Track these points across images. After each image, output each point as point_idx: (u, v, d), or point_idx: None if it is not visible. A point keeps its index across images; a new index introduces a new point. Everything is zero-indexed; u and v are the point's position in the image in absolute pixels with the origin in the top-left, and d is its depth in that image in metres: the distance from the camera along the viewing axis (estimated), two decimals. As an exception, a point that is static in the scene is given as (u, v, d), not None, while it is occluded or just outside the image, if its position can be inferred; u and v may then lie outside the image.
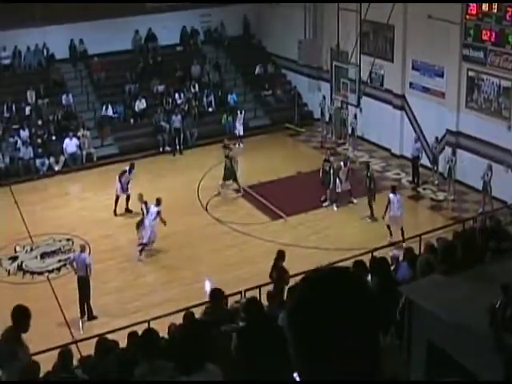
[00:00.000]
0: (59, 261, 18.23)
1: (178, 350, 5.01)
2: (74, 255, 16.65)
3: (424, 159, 22.68)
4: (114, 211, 20.72)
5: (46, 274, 17.70)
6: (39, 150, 24.47)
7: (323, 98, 27.05)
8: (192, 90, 28.17)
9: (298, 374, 1.72)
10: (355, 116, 25.43)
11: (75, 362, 9.84)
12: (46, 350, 10.18)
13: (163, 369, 6.09)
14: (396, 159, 24.52)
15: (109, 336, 10.72)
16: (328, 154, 22.44)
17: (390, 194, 18.55)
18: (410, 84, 23.72)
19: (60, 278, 17.37)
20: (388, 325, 7.84)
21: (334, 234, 19.14)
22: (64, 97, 26.51)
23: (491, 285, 6.69)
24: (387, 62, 24.58)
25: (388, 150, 25.01)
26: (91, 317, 15.51)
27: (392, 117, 24.48)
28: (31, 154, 24.23)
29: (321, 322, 1.63)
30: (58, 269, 17.89)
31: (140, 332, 8.03)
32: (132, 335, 9.61)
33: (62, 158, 24.54)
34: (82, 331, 14.88)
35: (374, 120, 25.16)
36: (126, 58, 28.62)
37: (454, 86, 21.73)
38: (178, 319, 10.25)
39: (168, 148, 26.10)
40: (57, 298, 16.29)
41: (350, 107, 25.70)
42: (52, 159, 24.44)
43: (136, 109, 26.89)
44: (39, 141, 24.84)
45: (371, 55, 24.47)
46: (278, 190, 22.11)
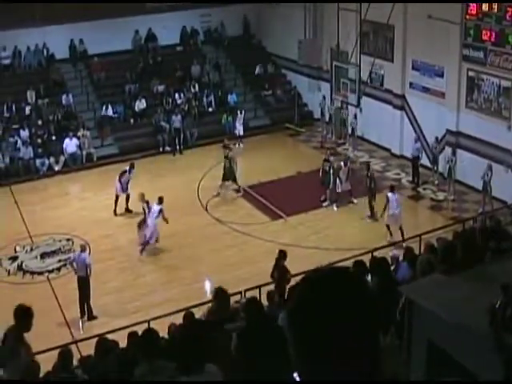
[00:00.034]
0: (59, 261, 18.24)
1: (178, 350, 5.00)
2: (74, 255, 16.69)
3: (424, 159, 22.68)
4: (114, 211, 20.73)
5: (46, 274, 17.70)
6: (39, 150, 24.47)
7: (323, 98, 27.05)
8: (192, 90, 28.17)
9: (298, 374, 1.72)
10: (355, 116, 25.43)
11: (75, 362, 9.84)
12: (46, 350, 10.18)
13: (163, 369, 6.09)
14: (396, 159, 24.52)
15: (109, 336, 10.72)
16: (328, 153, 22.45)
17: (389, 193, 18.62)
18: (410, 84, 23.72)
19: (60, 278, 17.38)
20: (388, 325, 7.83)
21: (334, 233, 19.14)
22: (64, 97, 26.52)
23: (491, 285, 6.69)
24: (387, 62, 24.58)
25: (388, 150, 25.01)
26: (91, 317, 15.51)
27: (392, 117, 24.48)
28: (31, 154, 24.23)
29: (321, 322, 1.63)
30: (58, 269, 17.89)
31: (140, 332, 8.03)
32: (132, 335, 9.61)
33: (61, 158, 24.54)
34: (82, 331, 14.89)
35: (373, 120, 25.16)
36: (126, 57, 28.62)
37: (453, 86, 21.73)
38: (178, 319, 10.25)
39: (168, 148, 26.11)
40: (57, 298, 16.29)
41: (350, 107, 25.69)
42: (52, 159, 24.44)
43: (136, 109, 26.89)
44: (39, 141, 24.85)
45: (371, 55, 24.47)
46: (278, 189, 22.11)
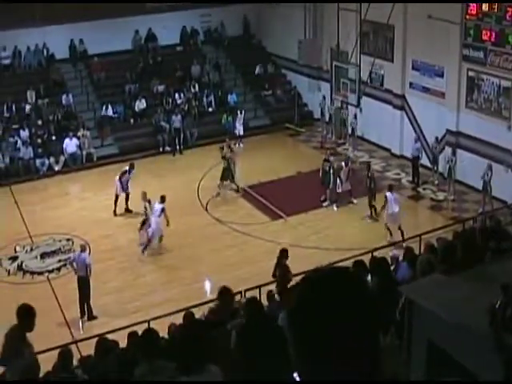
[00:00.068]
0: (59, 261, 18.23)
1: (178, 350, 5.00)
2: (74, 255, 16.69)
3: (424, 159, 22.67)
4: (114, 211, 20.72)
5: (46, 274, 17.70)
6: (39, 150, 24.47)
7: (323, 98, 27.05)
8: (192, 90, 28.17)
9: (298, 374, 1.72)
10: (355, 116, 25.42)
11: (75, 362, 9.85)
12: (46, 350, 10.17)
13: (163, 369, 6.09)
14: (396, 159, 24.51)
15: (109, 336, 10.73)
16: (328, 153, 22.46)
17: (387, 193, 18.66)
18: (410, 84, 23.71)
19: (60, 278, 17.38)
20: (388, 325, 7.84)
21: (334, 233, 19.14)
22: (64, 97, 26.51)
23: (491, 285, 6.69)
24: (387, 62, 24.57)
25: (388, 150, 25.00)
26: (91, 317, 15.51)
27: (392, 117, 24.48)
28: (31, 154, 24.23)
29: (321, 322, 1.63)
30: (58, 269, 17.89)
31: (140, 332, 8.03)
32: (132, 335, 9.61)
33: (62, 158, 24.54)
34: (82, 331, 14.89)
35: (374, 120, 25.16)
36: (126, 57, 28.61)
37: (453, 86, 21.72)
38: (178, 319, 10.26)
39: (168, 148, 26.10)
40: (57, 298, 16.29)
41: (350, 107, 25.69)
42: (52, 159, 24.43)
43: (136, 109, 26.89)
44: (39, 141, 24.84)
45: (371, 55, 24.47)
46: (278, 189, 22.10)
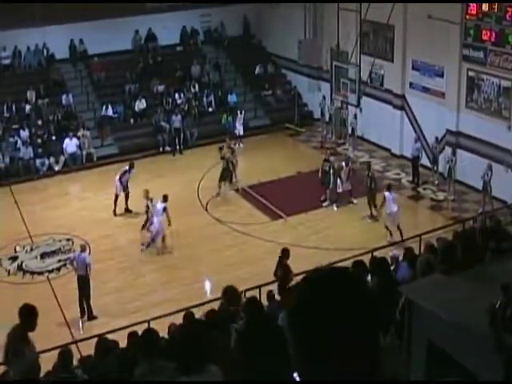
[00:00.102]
0: (59, 261, 18.23)
1: (178, 350, 5.00)
2: (74, 255, 16.69)
3: (424, 159, 22.67)
4: (114, 211, 20.72)
5: (46, 274, 17.69)
6: (39, 150, 24.46)
7: (323, 98, 27.05)
8: (192, 90, 28.17)
9: (298, 374, 1.72)
10: (355, 116, 25.42)
11: (75, 362, 9.85)
12: (46, 350, 10.17)
13: (163, 369, 6.09)
14: (396, 159, 24.51)
15: (109, 336, 10.73)
16: (328, 153, 22.46)
17: (386, 193, 18.69)
18: (410, 84, 23.71)
19: (60, 278, 17.37)
20: (388, 325, 7.83)
21: (334, 233, 19.14)
22: (64, 97, 26.51)
23: (491, 285, 6.69)
24: (387, 61, 24.57)
25: (388, 150, 25.00)
26: (91, 317, 15.51)
27: (392, 117, 24.48)
28: (31, 154, 24.23)
29: (321, 322, 1.63)
30: (58, 269, 17.88)
31: (140, 332, 8.03)
32: (132, 335, 9.62)
33: (62, 158, 24.53)
34: (82, 331, 14.88)
35: (374, 120, 25.15)
36: (126, 57, 28.61)
37: (453, 86, 21.72)
38: (178, 319, 10.25)
39: (168, 148, 26.10)
40: (57, 298, 16.28)
41: (350, 107, 25.69)
42: (52, 159, 24.43)
43: (136, 109, 26.88)
44: (39, 141, 24.84)
45: (371, 55, 24.46)
46: (278, 189, 22.10)
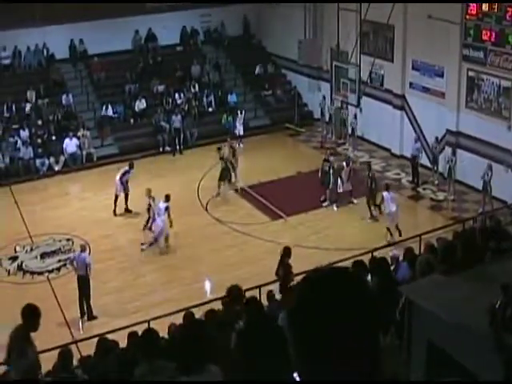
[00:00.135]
0: (59, 261, 18.23)
1: (178, 350, 5.00)
2: (74, 255, 16.69)
3: (424, 159, 22.67)
4: (114, 211, 20.72)
5: (46, 274, 17.70)
6: (39, 150, 24.46)
7: (323, 98, 27.05)
8: (192, 90, 28.17)
9: (298, 374, 1.72)
10: (355, 116, 25.42)
11: (75, 362, 9.86)
12: (46, 350, 10.17)
13: (163, 369, 6.08)
14: (396, 159, 24.51)
15: (109, 336, 10.73)
16: (328, 153, 22.46)
17: (384, 192, 18.71)
18: (410, 84, 23.71)
19: (60, 278, 17.37)
20: (388, 325, 7.83)
21: (334, 233, 19.13)
22: (64, 97, 26.51)
23: (491, 285, 6.69)
24: (387, 61, 24.57)
25: (388, 150, 25.00)
26: (91, 317, 15.51)
27: (392, 117, 24.48)
28: (31, 154, 24.23)
29: (321, 322, 1.63)
30: (58, 269, 17.89)
31: (140, 332, 8.03)
32: (132, 335, 9.62)
33: (62, 158, 24.53)
34: (81, 331, 14.88)
35: (374, 120, 25.15)
36: (126, 57, 28.61)
37: (453, 86, 21.72)
38: (178, 319, 10.26)
39: (168, 148, 26.10)
40: (57, 298, 16.28)
41: (350, 107, 25.69)
42: (52, 159, 24.43)
43: (136, 109, 26.88)
44: (39, 141, 24.84)
45: (371, 55, 24.46)
46: (278, 189, 22.10)
